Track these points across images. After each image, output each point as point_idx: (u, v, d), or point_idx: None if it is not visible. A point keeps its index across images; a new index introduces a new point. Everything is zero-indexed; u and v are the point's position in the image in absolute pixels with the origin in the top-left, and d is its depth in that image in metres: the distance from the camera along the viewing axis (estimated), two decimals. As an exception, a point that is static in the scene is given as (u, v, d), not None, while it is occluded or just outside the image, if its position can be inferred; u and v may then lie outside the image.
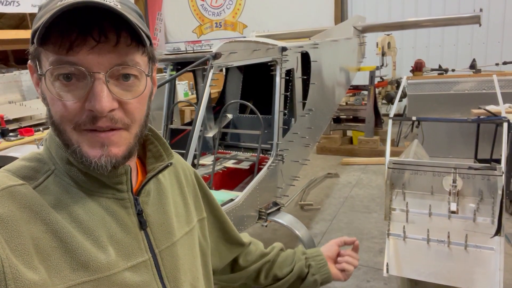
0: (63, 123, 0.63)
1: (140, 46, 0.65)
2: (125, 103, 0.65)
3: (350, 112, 5.82)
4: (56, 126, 0.65)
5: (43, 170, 0.67)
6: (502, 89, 2.92)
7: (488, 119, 3.08)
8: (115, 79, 0.64)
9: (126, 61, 0.63)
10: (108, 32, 0.61)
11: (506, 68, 5.55)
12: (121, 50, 0.62)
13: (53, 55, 0.60)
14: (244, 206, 2.17)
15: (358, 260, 1.14)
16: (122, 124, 0.65)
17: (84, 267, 0.62)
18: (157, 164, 0.79)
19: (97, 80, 0.61)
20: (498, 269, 1.78)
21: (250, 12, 7.97)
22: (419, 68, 5.54)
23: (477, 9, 4.10)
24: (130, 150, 0.68)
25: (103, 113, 0.61)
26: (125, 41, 0.62)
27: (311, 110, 2.94)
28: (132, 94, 0.66)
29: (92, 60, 0.60)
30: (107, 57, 0.61)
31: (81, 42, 0.60)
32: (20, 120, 4.09)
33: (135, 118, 0.67)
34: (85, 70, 0.61)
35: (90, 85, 0.61)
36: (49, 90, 0.62)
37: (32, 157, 0.70)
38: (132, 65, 0.64)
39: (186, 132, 2.91)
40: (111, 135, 0.64)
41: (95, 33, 0.60)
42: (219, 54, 2.06)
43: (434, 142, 4.68)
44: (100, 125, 0.63)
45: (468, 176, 2.07)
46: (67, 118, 0.63)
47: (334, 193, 4.40)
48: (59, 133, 0.65)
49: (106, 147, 0.64)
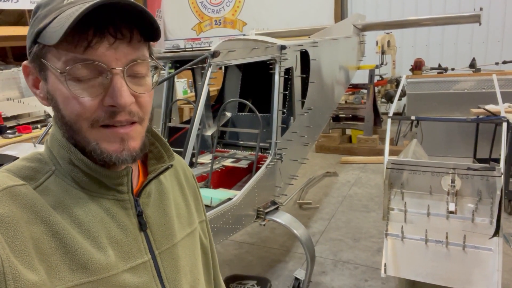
0: (80, 121, 0.64)
1: (147, 41, 0.67)
2: (139, 97, 0.67)
3: (349, 110, 5.81)
4: (70, 125, 0.65)
5: (44, 171, 0.67)
6: (502, 89, 2.92)
7: (488, 119, 3.07)
8: (128, 75, 0.65)
9: (139, 56, 0.65)
10: (122, 28, 0.62)
11: (505, 67, 5.54)
12: (134, 46, 0.64)
13: (68, 54, 0.60)
14: (242, 205, 2.16)
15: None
16: (137, 117, 0.67)
17: (84, 268, 0.62)
18: (158, 165, 0.79)
19: (116, 76, 0.63)
20: (496, 269, 1.77)
21: (250, 10, 7.96)
22: (418, 67, 5.53)
23: (478, 8, 4.09)
24: (144, 143, 0.71)
25: (126, 107, 0.63)
26: (136, 37, 0.64)
27: (310, 108, 2.93)
28: (144, 89, 0.68)
29: (111, 57, 0.62)
30: (124, 53, 0.63)
31: (99, 39, 0.61)
32: (18, 118, 4.07)
33: (147, 111, 0.69)
34: (105, 66, 0.61)
35: (108, 81, 0.62)
36: (64, 89, 0.62)
37: (33, 157, 0.70)
38: (144, 60, 0.66)
39: (185, 130, 2.90)
40: (130, 130, 0.66)
41: (111, 30, 0.61)
42: (217, 53, 2.05)
43: (433, 141, 4.68)
44: (120, 119, 0.64)
45: (467, 176, 2.06)
46: (84, 116, 0.63)
47: (332, 192, 4.40)
48: (73, 132, 0.65)
49: (126, 142, 0.66)
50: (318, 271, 2.87)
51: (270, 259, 3.13)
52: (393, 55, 6.18)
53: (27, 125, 3.94)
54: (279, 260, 3.10)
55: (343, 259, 3.05)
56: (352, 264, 2.97)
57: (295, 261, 3.06)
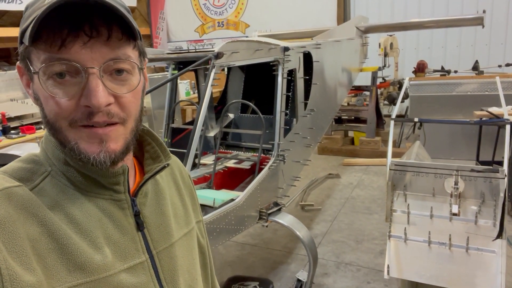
0: (58, 121, 0.63)
1: (131, 40, 0.65)
2: (120, 98, 0.65)
3: (351, 112, 5.81)
4: (52, 125, 0.64)
5: (40, 172, 0.67)
6: (505, 91, 2.92)
7: (491, 121, 3.07)
8: (108, 74, 0.64)
9: (119, 55, 0.63)
10: (99, 26, 0.60)
11: (508, 70, 5.53)
12: (113, 44, 0.62)
13: (45, 53, 0.60)
14: (245, 206, 2.17)
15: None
16: (118, 118, 0.65)
17: (81, 268, 0.62)
18: (154, 165, 0.79)
19: (92, 75, 0.61)
20: (499, 272, 1.77)
21: (253, 12, 7.97)
22: (421, 69, 5.54)
23: (480, 10, 4.09)
24: (127, 145, 0.68)
25: (100, 108, 0.61)
26: (116, 35, 0.62)
27: (313, 110, 2.94)
28: (126, 88, 0.66)
29: (85, 56, 0.60)
30: (100, 51, 0.61)
31: (73, 38, 0.59)
32: (22, 118, 4.10)
33: (131, 112, 0.67)
34: (79, 66, 0.60)
35: (85, 81, 0.61)
36: (42, 89, 0.62)
37: (29, 159, 0.69)
38: (125, 59, 0.64)
39: (188, 131, 2.90)
40: (109, 131, 0.64)
41: (86, 28, 0.59)
42: (221, 54, 2.05)
43: (436, 143, 4.67)
44: (97, 120, 0.62)
45: (470, 178, 2.06)
46: (62, 115, 0.62)
47: (335, 193, 4.39)
48: (54, 132, 0.65)
49: (105, 143, 0.64)
50: (320, 273, 2.87)
51: (272, 261, 3.12)
52: (396, 57, 6.18)
53: (30, 125, 3.96)
54: (281, 262, 3.10)
55: (345, 261, 3.04)
56: (354, 266, 2.97)
57: (297, 263, 3.06)
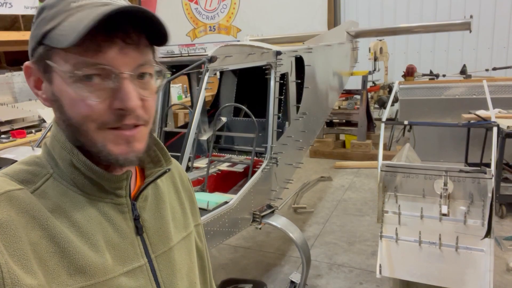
0: (87, 123, 0.64)
1: (152, 46, 0.69)
2: (145, 101, 0.68)
3: (343, 116, 5.87)
4: (77, 127, 0.65)
5: (42, 174, 0.67)
6: (492, 95, 2.98)
7: (478, 124, 3.13)
8: (135, 78, 0.66)
9: (146, 61, 0.67)
10: (132, 33, 0.64)
11: (495, 73, 5.64)
12: (142, 50, 0.66)
13: (77, 57, 0.61)
14: (238, 209, 2.18)
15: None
16: (143, 120, 0.68)
17: (82, 272, 0.63)
18: (155, 169, 0.80)
19: (125, 80, 0.64)
20: (488, 270, 1.81)
21: (244, 16, 8.01)
22: (410, 73, 5.61)
23: (468, 15, 4.17)
24: (148, 144, 0.72)
25: (135, 111, 0.65)
26: (144, 41, 0.66)
27: (305, 113, 2.97)
28: (149, 92, 0.69)
29: (120, 61, 0.63)
30: (132, 57, 0.65)
31: (109, 44, 0.62)
32: (12, 122, 4.05)
33: (152, 114, 0.71)
34: (114, 70, 0.63)
35: (118, 85, 0.64)
36: (70, 91, 0.63)
37: (31, 161, 0.69)
38: (150, 65, 0.68)
39: (180, 135, 2.91)
40: (136, 132, 0.67)
41: (120, 35, 0.63)
42: (214, 58, 2.08)
43: (425, 146, 4.73)
44: (127, 122, 0.65)
45: (459, 179, 2.11)
46: (92, 118, 0.64)
47: (327, 196, 4.43)
48: (79, 134, 0.66)
49: (132, 144, 0.67)
50: (313, 275, 2.89)
51: (265, 263, 3.14)
52: (386, 62, 6.26)
53: (21, 130, 3.92)
54: (275, 264, 3.12)
55: (338, 262, 3.07)
56: (347, 267, 2.99)
57: (290, 265, 3.08)
